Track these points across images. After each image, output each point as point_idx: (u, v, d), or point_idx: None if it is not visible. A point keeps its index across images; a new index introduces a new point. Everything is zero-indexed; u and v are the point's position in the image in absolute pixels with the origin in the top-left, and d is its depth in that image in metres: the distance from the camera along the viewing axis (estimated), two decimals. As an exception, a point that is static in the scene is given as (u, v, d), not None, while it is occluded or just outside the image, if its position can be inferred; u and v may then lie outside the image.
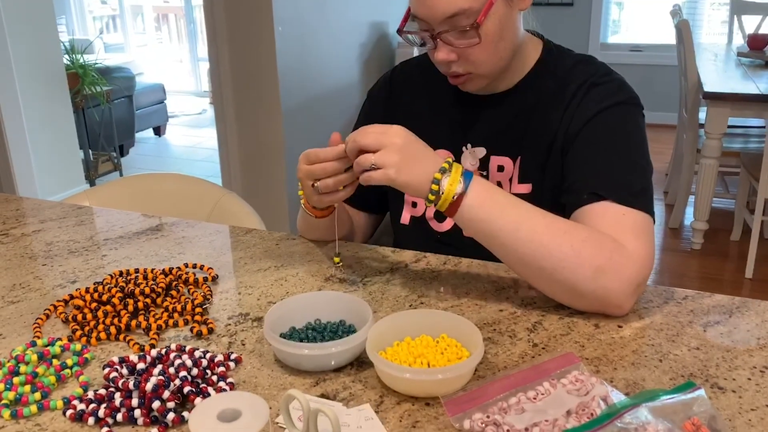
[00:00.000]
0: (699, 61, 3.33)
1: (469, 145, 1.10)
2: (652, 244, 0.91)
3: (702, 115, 3.21)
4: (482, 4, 0.93)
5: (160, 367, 0.77)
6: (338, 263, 1.07)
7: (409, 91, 1.17)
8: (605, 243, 0.88)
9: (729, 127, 3.16)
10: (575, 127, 1.01)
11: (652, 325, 0.87)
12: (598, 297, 0.87)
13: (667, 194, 3.85)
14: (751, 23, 4.32)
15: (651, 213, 0.94)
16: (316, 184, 0.95)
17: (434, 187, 0.86)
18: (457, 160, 1.10)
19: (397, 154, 0.86)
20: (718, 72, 3.37)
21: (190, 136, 5.83)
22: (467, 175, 0.88)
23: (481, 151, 1.09)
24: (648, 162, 1.00)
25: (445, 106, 1.12)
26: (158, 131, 5.70)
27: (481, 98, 1.09)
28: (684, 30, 3.19)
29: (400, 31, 1.01)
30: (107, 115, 4.22)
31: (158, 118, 5.56)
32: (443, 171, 0.87)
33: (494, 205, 0.88)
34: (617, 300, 0.87)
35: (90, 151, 4.19)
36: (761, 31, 4.13)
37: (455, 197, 0.87)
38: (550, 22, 5.48)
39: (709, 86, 2.91)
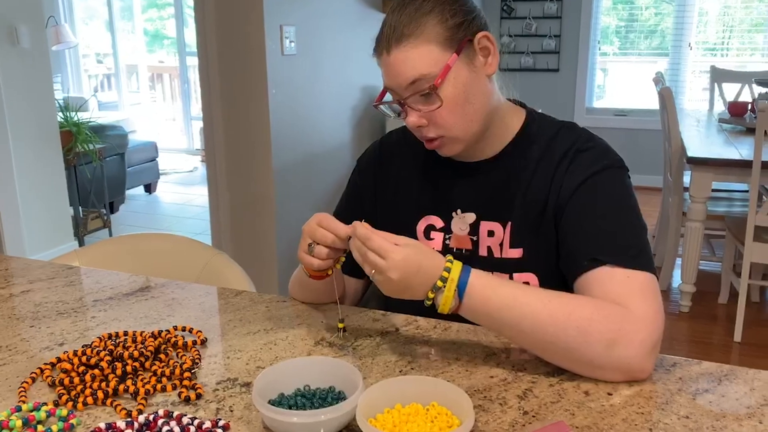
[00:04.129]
0: (682, 127, 3.41)
1: (459, 211, 1.12)
2: (659, 303, 0.93)
3: (686, 179, 3.28)
4: (440, 69, 0.97)
5: (147, 434, 0.76)
6: (342, 328, 1.05)
7: (398, 160, 1.19)
8: (612, 314, 0.89)
9: (713, 191, 3.22)
10: (566, 194, 1.04)
11: (642, 393, 0.87)
12: (618, 368, 0.88)
13: (654, 256, 3.88)
14: (731, 90, 4.45)
15: (653, 271, 0.96)
16: (312, 245, 0.98)
17: (428, 302, 0.91)
18: (448, 225, 1.12)
19: (391, 284, 0.90)
20: (701, 137, 3.46)
21: (180, 193, 5.85)
22: (462, 283, 0.90)
23: (471, 217, 1.11)
24: (641, 222, 1.02)
25: (434, 172, 1.15)
26: (149, 188, 5.72)
27: (468, 165, 1.11)
28: (667, 97, 3.28)
29: (375, 105, 1.07)
30: (98, 173, 4.24)
31: (149, 176, 5.59)
32: (437, 289, 0.90)
33: (493, 310, 0.91)
34: (638, 365, 0.88)
35: (80, 207, 4.19)
36: (741, 99, 4.25)
37: (450, 311, 0.91)
38: (537, 87, 5.63)
39: (692, 151, 2.98)
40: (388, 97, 1.05)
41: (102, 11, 7.53)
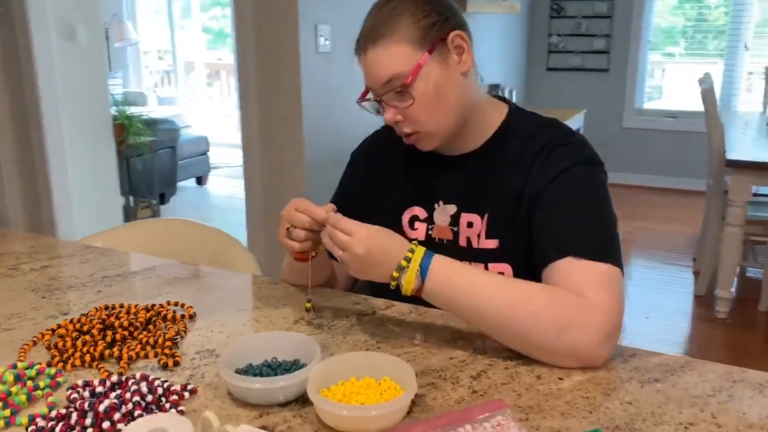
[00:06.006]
0: (728, 129, 3.33)
1: (441, 202, 1.16)
2: (617, 293, 0.95)
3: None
4: (413, 67, 1.02)
5: (118, 391, 0.83)
6: (309, 308, 1.11)
7: (389, 153, 1.24)
8: (567, 302, 0.92)
9: (757, 195, 3.12)
10: (540, 187, 1.06)
11: (593, 379, 0.89)
12: (570, 353, 0.91)
13: (695, 261, 3.79)
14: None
15: (617, 263, 0.98)
16: (290, 229, 1.04)
17: (393, 283, 0.96)
18: (431, 216, 1.16)
19: (357, 261, 0.95)
20: (745, 140, 3.37)
21: (230, 186, 6.03)
22: (425, 265, 0.94)
23: (452, 208, 1.15)
24: (612, 215, 1.04)
25: (419, 165, 1.19)
26: (200, 181, 5.93)
27: (450, 158, 1.15)
28: (708, 98, 3.21)
29: (358, 102, 1.13)
30: (149, 164, 4.43)
31: (200, 169, 5.79)
32: (401, 269, 0.94)
33: (453, 292, 0.95)
34: (589, 352, 0.91)
35: (131, 197, 4.38)
36: (795, 101, 4.11)
37: (413, 292, 0.95)
38: (586, 87, 5.56)
39: (731, 154, 2.91)
40: (370, 96, 1.10)
41: (164, 9, 7.81)
